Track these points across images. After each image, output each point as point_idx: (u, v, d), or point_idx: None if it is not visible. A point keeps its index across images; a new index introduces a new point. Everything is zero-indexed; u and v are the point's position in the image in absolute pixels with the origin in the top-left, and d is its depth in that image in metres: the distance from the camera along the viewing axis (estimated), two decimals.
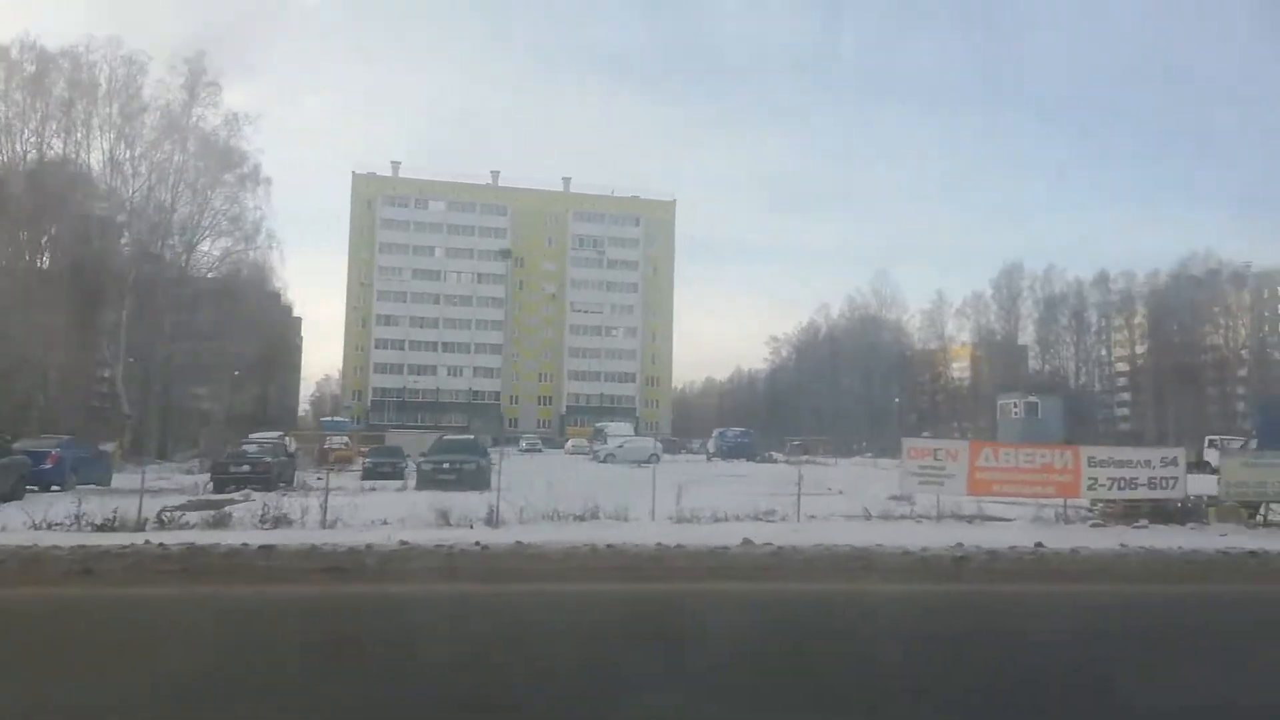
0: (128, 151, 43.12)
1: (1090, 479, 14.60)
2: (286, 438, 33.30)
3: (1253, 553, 10.98)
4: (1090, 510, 15.37)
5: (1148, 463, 14.81)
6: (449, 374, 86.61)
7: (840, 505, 14.67)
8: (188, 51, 53.92)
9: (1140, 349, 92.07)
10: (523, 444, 63.20)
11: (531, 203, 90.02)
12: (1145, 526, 14.28)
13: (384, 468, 25.63)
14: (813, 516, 13.75)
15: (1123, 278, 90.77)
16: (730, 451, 47.67)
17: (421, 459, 22.76)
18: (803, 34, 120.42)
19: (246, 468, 20.41)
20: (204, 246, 49.27)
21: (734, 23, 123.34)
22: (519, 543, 10.67)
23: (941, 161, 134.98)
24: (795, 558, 9.10)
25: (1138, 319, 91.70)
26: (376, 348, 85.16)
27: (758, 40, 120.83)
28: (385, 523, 12.24)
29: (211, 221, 47.92)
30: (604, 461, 40.95)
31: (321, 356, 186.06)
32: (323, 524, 12.04)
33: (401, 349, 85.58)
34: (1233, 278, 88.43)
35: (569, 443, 57.30)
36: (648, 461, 34.83)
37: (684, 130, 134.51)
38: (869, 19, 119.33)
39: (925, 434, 45.97)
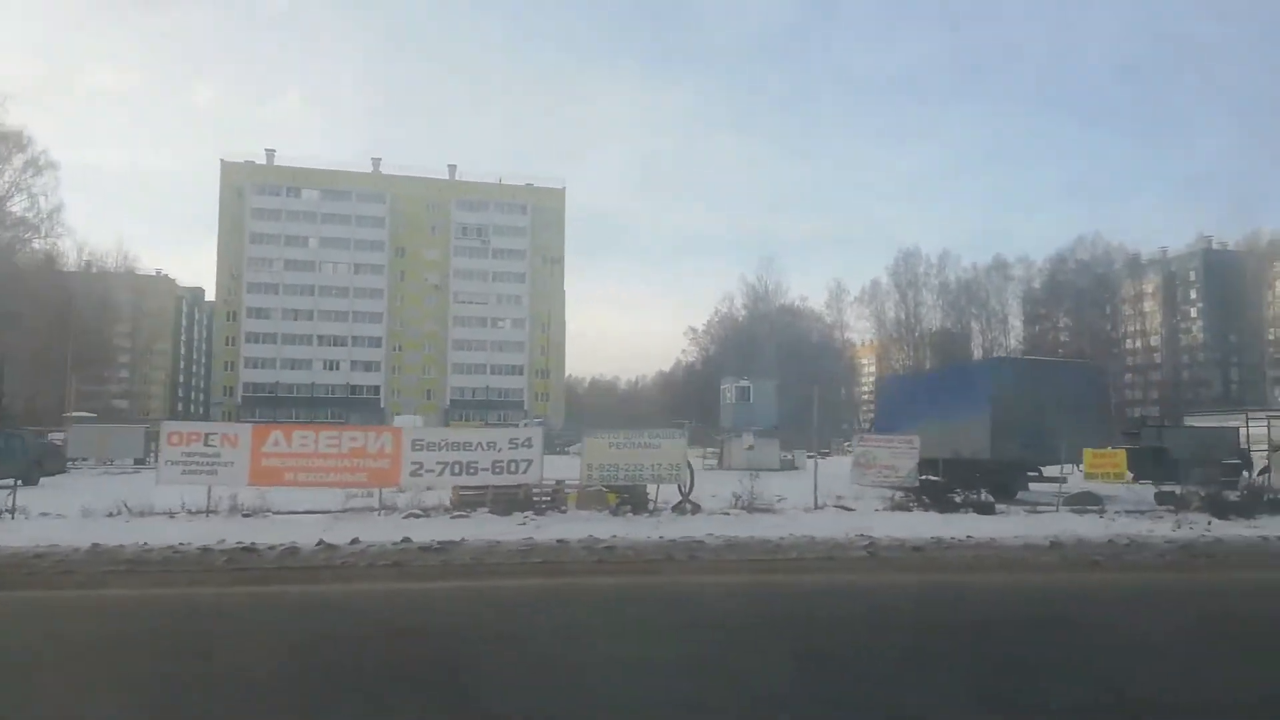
0: None
1: (415, 464, 12.41)
2: None
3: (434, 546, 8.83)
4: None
5: (492, 445, 12.64)
6: (325, 368, 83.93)
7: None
8: None
9: (1047, 334, 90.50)
10: None
11: (413, 190, 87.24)
12: (465, 516, 12.12)
13: None
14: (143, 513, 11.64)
15: (1020, 264, 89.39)
16: None
17: None
18: (700, 20, 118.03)
19: None
20: None
21: (627, 6, 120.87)
22: None
23: (840, 150, 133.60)
24: None
25: (1041, 308, 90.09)
26: (247, 341, 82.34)
27: (651, 26, 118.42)
28: None
29: None
30: None
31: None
32: None
33: (274, 343, 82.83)
34: (1128, 263, 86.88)
35: None
36: None
37: (578, 119, 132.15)
38: (768, 6, 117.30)
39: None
